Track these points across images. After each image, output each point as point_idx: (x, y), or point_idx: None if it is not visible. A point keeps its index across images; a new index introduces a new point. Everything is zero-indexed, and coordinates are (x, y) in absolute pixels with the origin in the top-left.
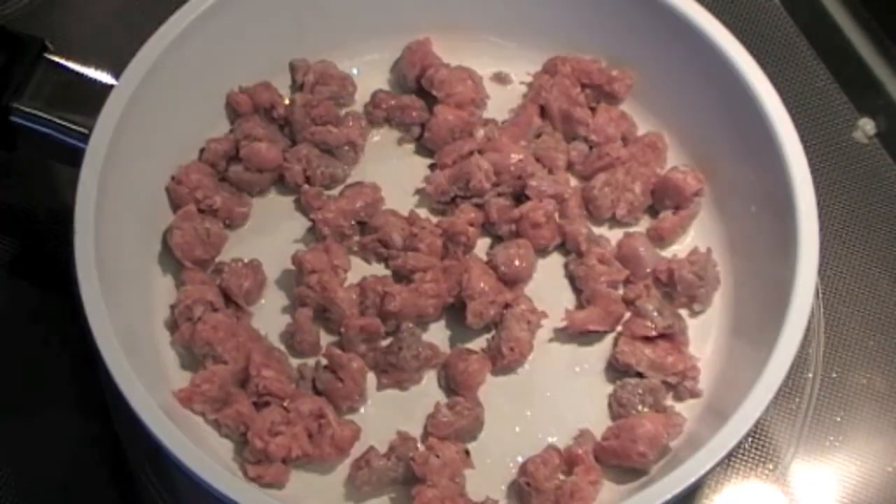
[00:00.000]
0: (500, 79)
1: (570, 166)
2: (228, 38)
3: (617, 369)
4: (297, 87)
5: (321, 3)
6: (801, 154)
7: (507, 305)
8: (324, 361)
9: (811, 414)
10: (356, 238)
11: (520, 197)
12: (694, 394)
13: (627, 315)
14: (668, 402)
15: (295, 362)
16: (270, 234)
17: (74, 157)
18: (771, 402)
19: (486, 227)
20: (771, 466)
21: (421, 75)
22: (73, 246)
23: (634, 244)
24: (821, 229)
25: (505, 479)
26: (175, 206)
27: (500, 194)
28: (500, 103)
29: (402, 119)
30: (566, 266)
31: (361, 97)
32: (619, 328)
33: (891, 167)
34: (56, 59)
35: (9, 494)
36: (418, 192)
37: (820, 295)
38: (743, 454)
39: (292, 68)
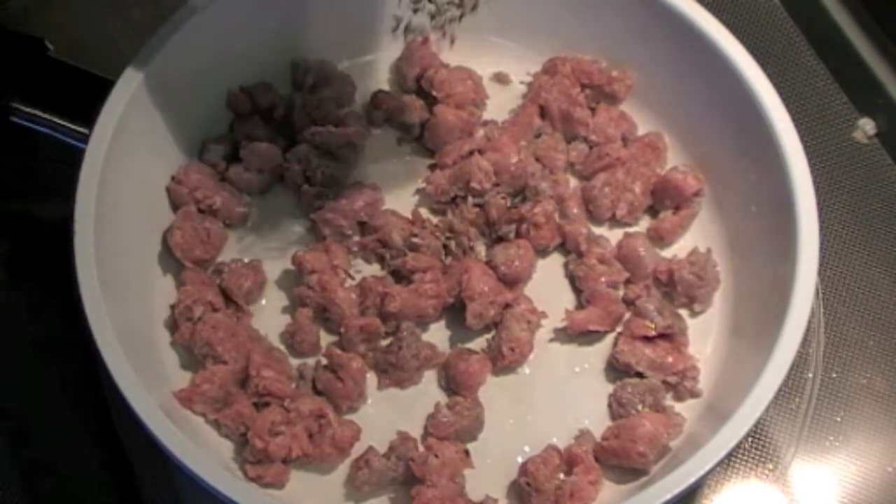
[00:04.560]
0: (500, 79)
1: (570, 166)
2: (228, 38)
3: (617, 369)
4: (297, 87)
5: (321, 3)
6: (801, 154)
7: (507, 306)
8: (324, 361)
9: (811, 414)
10: (356, 238)
11: (520, 197)
12: (694, 394)
13: (627, 315)
14: (668, 402)
15: (295, 362)
16: (270, 234)
17: (74, 157)
18: (771, 402)
19: (486, 227)
20: (771, 466)
21: (421, 75)
22: (73, 246)
23: (634, 244)
24: (821, 229)
25: (505, 479)
26: (175, 206)
27: (500, 194)
28: (500, 103)
29: (402, 119)
30: (566, 266)
31: (361, 97)
32: (619, 328)
33: (891, 167)
34: (56, 59)
35: (9, 494)
36: (418, 192)
37: (820, 295)
38: (743, 454)
39: (292, 68)
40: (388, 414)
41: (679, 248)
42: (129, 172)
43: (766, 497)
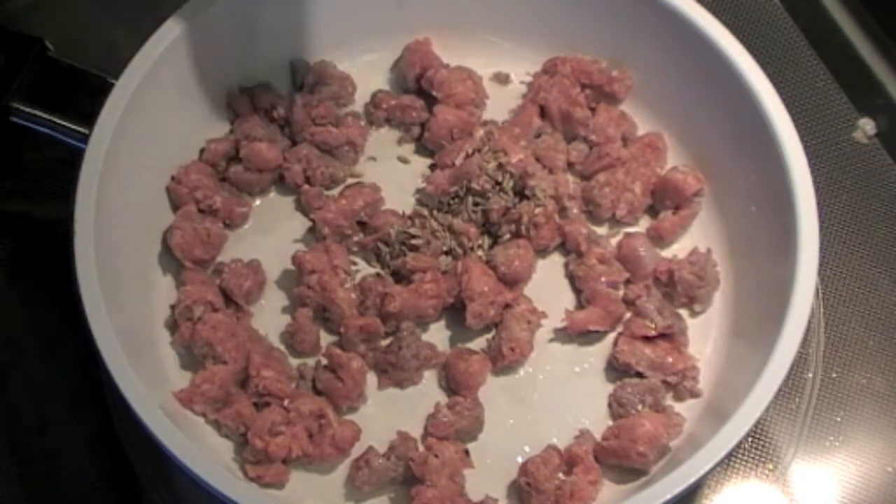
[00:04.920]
0: (500, 79)
1: (570, 166)
2: (228, 38)
3: (617, 369)
4: (297, 87)
5: (321, 3)
6: (801, 154)
7: (507, 306)
8: (324, 361)
9: (811, 414)
10: (356, 238)
11: (520, 196)
12: (694, 394)
13: (627, 315)
14: (668, 402)
15: (295, 362)
16: (270, 234)
17: (74, 157)
18: (771, 402)
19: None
20: (771, 466)
21: (421, 75)
22: (73, 246)
23: (634, 244)
24: (821, 229)
25: (505, 479)
26: (175, 206)
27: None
28: (500, 103)
29: (402, 119)
30: (566, 266)
31: (361, 97)
32: (619, 328)
33: (891, 167)
34: (56, 58)
35: (9, 494)
36: (418, 192)
37: (820, 295)
38: (743, 454)
39: (292, 68)
40: (388, 414)
41: (679, 248)
42: (129, 172)
43: (766, 497)
